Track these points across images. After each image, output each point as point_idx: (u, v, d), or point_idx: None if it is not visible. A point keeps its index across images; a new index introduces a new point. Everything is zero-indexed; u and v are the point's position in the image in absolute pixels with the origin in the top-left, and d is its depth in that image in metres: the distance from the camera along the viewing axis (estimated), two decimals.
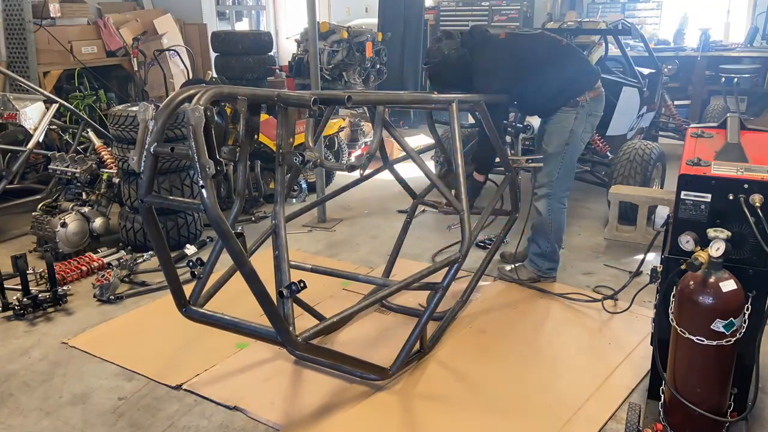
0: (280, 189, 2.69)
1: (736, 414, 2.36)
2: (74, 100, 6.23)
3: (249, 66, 7.20)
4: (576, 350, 3.17)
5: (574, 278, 4.01)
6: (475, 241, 4.18)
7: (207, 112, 1.93)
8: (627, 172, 4.76)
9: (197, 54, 8.17)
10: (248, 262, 2.09)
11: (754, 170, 2.27)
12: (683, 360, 2.28)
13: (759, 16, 8.69)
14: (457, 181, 3.09)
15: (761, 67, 7.72)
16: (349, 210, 5.45)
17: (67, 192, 4.70)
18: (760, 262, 2.23)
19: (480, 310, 3.57)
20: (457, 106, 3.16)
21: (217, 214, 1.92)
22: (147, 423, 2.67)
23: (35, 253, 4.39)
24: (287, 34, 10.08)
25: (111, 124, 4.43)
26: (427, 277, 2.89)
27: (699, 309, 2.16)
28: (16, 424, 2.68)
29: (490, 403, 2.77)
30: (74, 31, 6.99)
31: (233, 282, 2.73)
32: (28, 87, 5.37)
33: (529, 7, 8.92)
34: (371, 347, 3.20)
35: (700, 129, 2.87)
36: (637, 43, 7.24)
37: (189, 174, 4.52)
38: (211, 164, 1.90)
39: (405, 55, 8.57)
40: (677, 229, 2.32)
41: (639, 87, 5.60)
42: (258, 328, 2.32)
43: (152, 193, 2.19)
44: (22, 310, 3.53)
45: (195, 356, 3.13)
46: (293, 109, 2.57)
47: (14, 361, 3.14)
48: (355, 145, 7.05)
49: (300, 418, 2.67)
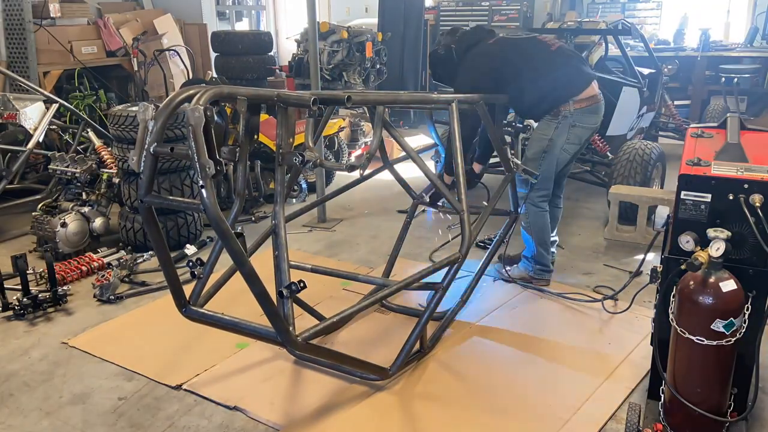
0: (280, 189, 2.69)
1: (736, 414, 2.36)
2: (74, 100, 6.23)
3: (249, 66, 7.20)
4: (576, 350, 3.17)
5: (574, 278, 4.01)
6: (475, 241, 4.18)
7: (207, 112, 1.93)
8: (627, 172, 4.76)
9: (197, 54, 8.16)
10: (248, 261, 2.09)
11: (754, 170, 2.26)
12: (683, 360, 2.27)
13: (759, 16, 8.69)
14: (457, 181, 3.09)
15: (761, 67, 7.73)
16: (349, 210, 5.45)
17: (67, 192, 4.70)
18: (760, 262, 2.23)
19: (480, 310, 3.57)
20: (456, 106, 3.16)
21: (216, 213, 1.92)
22: (147, 423, 2.67)
23: (35, 253, 4.40)
24: (287, 34, 10.07)
25: (111, 124, 4.43)
26: (426, 277, 2.89)
27: (699, 309, 2.16)
28: (16, 424, 2.68)
29: (490, 403, 2.77)
30: (74, 31, 6.99)
31: (233, 282, 2.73)
32: (28, 87, 5.37)
33: (529, 7, 8.92)
34: (371, 347, 3.20)
35: (700, 129, 2.87)
36: (637, 43, 7.24)
37: (189, 174, 4.52)
38: (211, 164, 1.90)
39: (405, 55, 8.57)
40: (677, 229, 2.32)
41: (639, 87, 5.60)
42: (258, 328, 2.31)
43: (152, 193, 2.18)
44: (22, 310, 3.53)
45: (195, 356, 3.13)
46: (293, 109, 2.57)
47: (14, 361, 3.14)
48: (355, 145, 7.05)
49: (300, 418, 2.67)
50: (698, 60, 7.88)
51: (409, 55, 8.62)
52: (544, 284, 3.85)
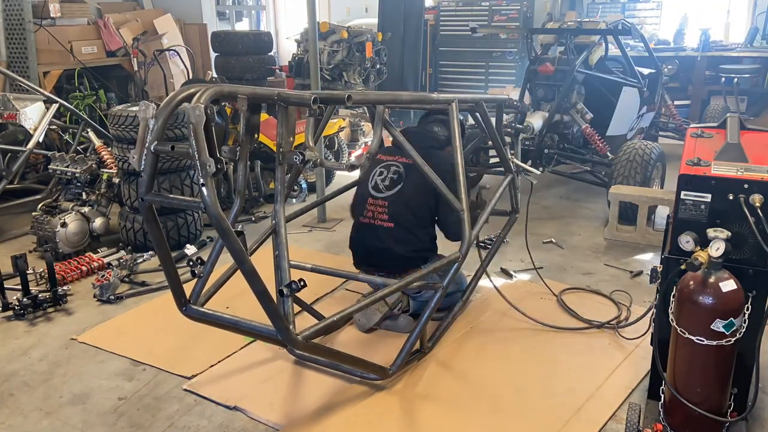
0: (280, 188, 2.69)
1: (736, 414, 2.36)
2: (74, 100, 6.23)
3: (249, 66, 7.20)
4: (576, 350, 3.17)
5: (575, 278, 4.00)
6: (475, 241, 4.18)
7: (207, 110, 1.93)
8: (627, 172, 4.76)
9: (197, 54, 8.17)
10: (248, 260, 2.09)
11: (754, 170, 2.26)
12: (683, 360, 2.27)
13: (759, 16, 8.68)
14: (457, 181, 3.09)
15: (761, 67, 7.73)
16: (349, 210, 5.43)
17: (67, 192, 4.70)
18: (760, 262, 2.23)
19: (480, 310, 3.57)
20: (456, 106, 3.17)
21: (217, 211, 1.92)
22: (147, 423, 2.67)
23: (35, 253, 4.39)
24: (287, 34, 10.07)
25: (111, 124, 4.43)
26: (426, 276, 2.89)
27: (699, 309, 2.16)
28: (16, 424, 2.67)
29: (490, 403, 2.76)
30: (74, 31, 7.00)
31: (234, 282, 2.73)
32: (28, 87, 5.37)
33: (529, 7, 8.90)
34: (371, 347, 3.20)
35: (700, 129, 2.87)
36: (637, 43, 7.24)
37: (189, 174, 4.52)
38: (212, 162, 1.90)
39: (405, 55, 8.57)
40: (677, 229, 2.32)
41: (639, 87, 5.60)
42: (258, 327, 2.31)
43: (152, 192, 2.18)
44: (22, 310, 3.53)
45: (195, 356, 3.13)
46: (293, 109, 2.57)
47: (14, 361, 3.14)
48: (355, 145, 7.06)
49: (300, 418, 2.67)
50: (698, 60, 7.88)
51: (409, 55, 8.62)
52: None
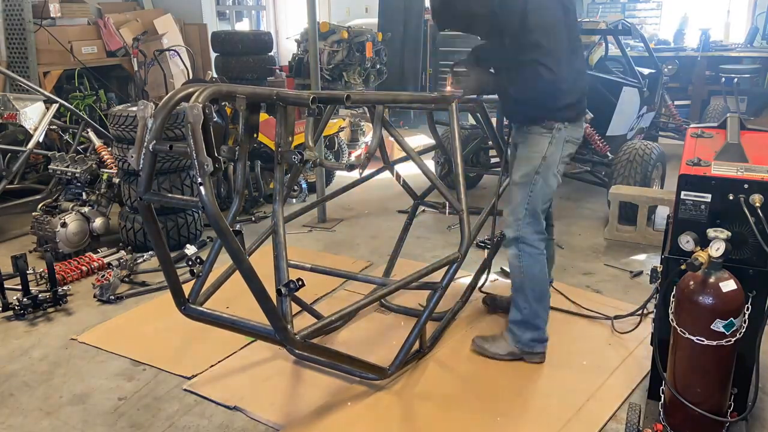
0: (279, 187, 2.69)
1: (736, 414, 2.35)
2: (74, 100, 6.23)
3: (249, 66, 7.19)
4: (576, 350, 3.16)
5: (575, 278, 4.00)
6: (475, 241, 4.17)
7: (205, 109, 1.93)
8: (627, 172, 4.76)
9: (197, 54, 8.16)
10: (246, 259, 2.09)
11: (754, 170, 2.26)
12: (683, 360, 2.27)
13: (759, 16, 8.69)
14: (457, 182, 3.09)
15: (761, 67, 7.73)
16: (349, 210, 5.44)
17: (67, 192, 4.70)
18: (760, 262, 2.22)
19: (480, 310, 3.57)
20: (456, 106, 3.17)
21: (215, 211, 1.92)
22: (147, 423, 2.66)
23: (35, 253, 4.39)
24: (287, 34, 10.07)
25: (111, 124, 4.43)
26: (426, 276, 2.89)
27: (699, 309, 2.16)
28: (16, 424, 2.67)
29: (490, 403, 2.76)
30: (74, 31, 6.99)
31: (234, 281, 2.73)
32: (28, 87, 5.37)
33: None
34: (371, 347, 3.20)
35: (700, 129, 2.87)
36: (637, 43, 7.24)
37: (188, 174, 4.52)
38: (210, 161, 1.90)
39: (405, 55, 8.57)
40: (677, 229, 2.32)
41: (639, 87, 5.60)
42: (256, 327, 2.31)
43: (151, 191, 2.18)
44: (22, 310, 3.53)
45: (195, 356, 3.13)
46: (292, 108, 2.57)
47: (14, 361, 3.14)
48: (355, 145, 7.05)
49: (300, 418, 2.67)
50: (698, 60, 7.88)
51: (409, 56, 8.62)
52: (538, 360, 3.02)
